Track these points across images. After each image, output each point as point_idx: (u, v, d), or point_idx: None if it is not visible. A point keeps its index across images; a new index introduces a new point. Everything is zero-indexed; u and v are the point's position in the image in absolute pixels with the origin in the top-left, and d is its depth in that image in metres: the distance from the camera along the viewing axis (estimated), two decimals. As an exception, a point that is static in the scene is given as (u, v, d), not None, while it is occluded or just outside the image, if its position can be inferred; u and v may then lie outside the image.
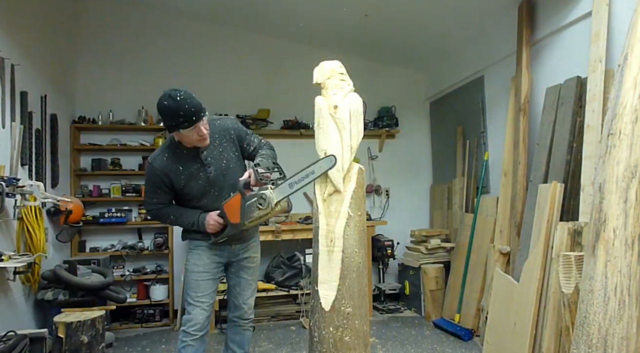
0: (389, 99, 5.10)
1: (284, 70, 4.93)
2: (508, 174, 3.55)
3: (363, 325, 1.58)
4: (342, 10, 4.04)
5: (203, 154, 2.17)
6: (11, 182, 2.73)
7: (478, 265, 3.72)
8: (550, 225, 2.71)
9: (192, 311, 2.23)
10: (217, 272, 2.31)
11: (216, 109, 4.64)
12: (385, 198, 5.14)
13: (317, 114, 1.68)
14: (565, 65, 3.11)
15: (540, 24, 3.38)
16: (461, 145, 4.51)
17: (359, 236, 1.62)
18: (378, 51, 4.93)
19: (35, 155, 3.44)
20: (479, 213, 3.89)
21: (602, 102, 2.58)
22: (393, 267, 4.87)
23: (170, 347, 3.62)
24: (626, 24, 2.31)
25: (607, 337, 1.76)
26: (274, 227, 4.19)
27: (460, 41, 4.36)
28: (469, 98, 4.41)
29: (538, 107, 3.30)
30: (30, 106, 3.31)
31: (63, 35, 4.24)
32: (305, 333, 3.83)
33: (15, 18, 3.22)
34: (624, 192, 1.89)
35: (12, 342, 2.33)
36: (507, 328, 2.81)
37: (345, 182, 1.63)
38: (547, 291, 2.58)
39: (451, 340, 3.60)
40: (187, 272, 2.27)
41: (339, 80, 1.69)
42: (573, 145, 2.85)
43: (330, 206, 1.63)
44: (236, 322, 2.45)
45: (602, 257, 1.86)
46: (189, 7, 4.47)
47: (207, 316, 2.24)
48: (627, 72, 2.08)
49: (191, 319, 2.21)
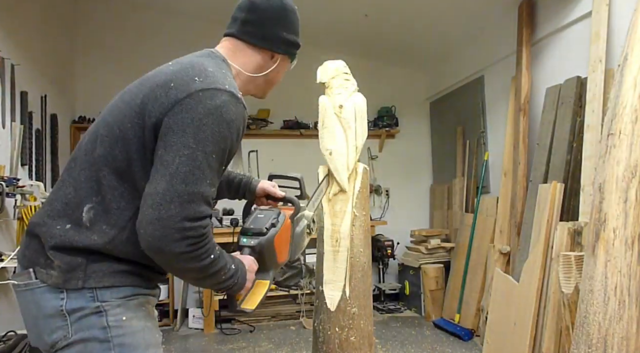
0: (389, 99, 5.10)
1: (284, 70, 4.93)
2: (508, 174, 3.56)
3: (368, 325, 1.58)
4: (342, 10, 4.04)
5: None
6: (11, 182, 2.73)
7: (478, 265, 3.72)
8: (550, 225, 2.71)
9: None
10: None
11: (216, 109, 4.65)
12: (385, 198, 5.14)
13: (321, 113, 1.68)
14: (565, 65, 3.12)
15: (540, 24, 3.39)
16: (461, 145, 4.51)
17: (364, 236, 1.62)
18: (378, 51, 4.94)
19: (35, 155, 3.44)
20: (479, 213, 3.89)
21: (602, 102, 2.59)
22: (393, 267, 4.87)
23: (170, 347, 3.62)
24: (626, 24, 2.32)
25: (607, 337, 1.76)
26: (274, 227, 4.18)
27: (460, 41, 4.37)
28: (469, 98, 4.42)
29: (538, 107, 3.30)
30: (30, 106, 3.30)
31: (63, 35, 4.24)
32: (305, 333, 3.83)
33: (15, 18, 3.21)
34: (624, 192, 1.89)
35: (12, 342, 2.33)
36: (507, 328, 2.81)
37: (350, 182, 1.64)
38: (547, 291, 2.58)
39: (451, 340, 3.60)
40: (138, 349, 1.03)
41: (343, 80, 1.69)
42: (573, 145, 2.85)
43: (335, 206, 1.63)
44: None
45: (602, 257, 1.86)
46: (189, 7, 4.46)
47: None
48: (627, 72, 2.08)
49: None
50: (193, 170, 0.93)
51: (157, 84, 1.02)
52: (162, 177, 0.93)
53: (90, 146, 1.05)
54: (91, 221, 1.00)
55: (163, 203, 0.91)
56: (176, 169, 0.92)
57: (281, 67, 1.27)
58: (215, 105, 0.96)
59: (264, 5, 1.17)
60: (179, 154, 0.93)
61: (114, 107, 1.08)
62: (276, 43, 1.20)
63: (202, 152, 0.94)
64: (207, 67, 1.04)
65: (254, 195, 1.41)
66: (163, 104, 0.97)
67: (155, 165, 0.95)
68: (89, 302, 0.98)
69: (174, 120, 0.95)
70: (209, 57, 1.12)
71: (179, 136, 0.94)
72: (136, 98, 1.02)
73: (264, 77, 1.23)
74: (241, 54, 1.18)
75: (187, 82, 0.99)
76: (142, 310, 1.05)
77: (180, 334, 4.00)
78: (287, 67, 1.31)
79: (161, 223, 0.91)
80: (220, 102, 0.97)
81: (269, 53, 1.20)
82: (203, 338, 3.85)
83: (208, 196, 0.96)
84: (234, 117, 0.99)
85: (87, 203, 1.00)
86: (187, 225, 0.92)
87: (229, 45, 1.19)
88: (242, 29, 1.18)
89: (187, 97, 0.96)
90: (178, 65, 1.06)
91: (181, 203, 0.91)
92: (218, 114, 0.96)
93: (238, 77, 1.16)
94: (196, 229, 0.93)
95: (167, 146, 0.94)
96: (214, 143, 0.95)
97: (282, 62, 1.25)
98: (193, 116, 0.95)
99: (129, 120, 1.01)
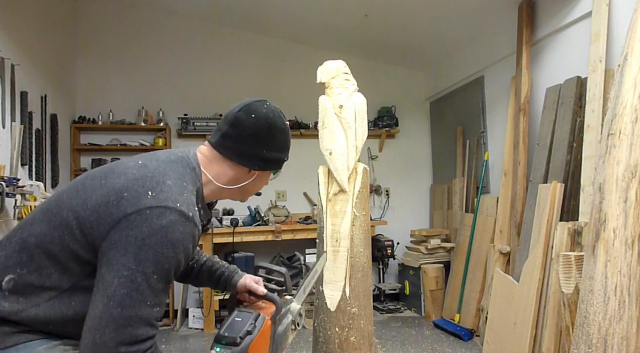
0: (389, 99, 5.11)
1: (284, 70, 4.93)
2: (508, 174, 3.56)
3: (368, 325, 1.58)
4: (342, 10, 4.04)
5: None
6: (11, 182, 2.73)
7: (478, 265, 3.72)
8: (550, 225, 2.71)
9: None
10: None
11: (216, 109, 4.65)
12: (385, 198, 5.14)
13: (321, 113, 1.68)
14: (565, 65, 3.12)
15: (540, 24, 3.39)
16: (461, 145, 4.51)
17: (364, 236, 1.62)
18: (378, 51, 4.94)
19: (35, 155, 3.44)
20: (479, 213, 3.89)
21: (602, 102, 2.59)
22: (393, 267, 4.88)
23: (171, 347, 3.62)
24: (626, 24, 2.32)
25: (607, 337, 1.76)
26: (274, 227, 4.19)
27: (460, 41, 4.37)
28: (469, 98, 4.42)
29: (538, 107, 3.30)
30: (30, 106, 3.30)
31: (63, 35, 4.24)
32: (305, 333, 3.83)
33: (15, 18, 3.21)
34: (624, 192, 1.89)
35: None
36: (507, 328, 2.81)
37: (350, 182, 1.63)
38: (547, 291, 2.58)
39: (451, 340, 3.60)
40: None
41: (343, 80, 1.69)
42: (573, 145, 2.85)
43: (335, 206, 1.63)
44: None
45: (602, 257, 1.86)
46: (189, 7, 4.47)
47: None
48: (627, 72, 2.09)
49: None
50: (130, 293, 0.91)
51: (114, 188, 1.00)
52: (100, 299, 0.91)
53: (39, 217, 1.04)
54: (8, 291, 0.99)
55: (99, 327, 0.89)
56: (114, 291, 0.91)
57: (259, 180, 1.24)
58: (161, 225, 0.95)
59: (248, 122, 1.16)
60: (118, 275, 0.91)
61: (74, 189, 1.06)
62: (253, 161, 1.18)
63: (142, 273, 0.92)
64: (166, 179, 1.02)
65: (236, 291, 1.37)
66: (112, 214, 0.96)
67: (97, 284, 0.94)
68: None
69: (118, 237, 0.94)
70: (179, 164, 1.10)
71: (121, 254, 0.92)
72: (93, 193, 1.01)
73: (239, 189, 1.22)
74: (216, 165, 1.17)
75: (140, 195, 0.97)
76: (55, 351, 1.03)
77: (180, 334, 4.00)
78: (268, 178, 1.29)
79: (96, 349, 0.89)
80: (167, 221, 0.95)
81: (245, 168, 1.19)
82: (203, 338, 3.85)
83: (149, 318, 0.94)
84: (181, 237, 0.97)
85: (10, 274, 1.00)
86: (122, 350, 0.89)
87: (206, 153, 1.18)
88: (221, 141, 1.17)
89: (134, 213, 0.95)
90: (142, 170, 1.03)
91: (116, 328, 0.89)
92: (163, 234, 0.94)
93: (208, 185, 1.16)
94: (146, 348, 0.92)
95: (109, 264, 0.93)
96: (155, 264, 0.93)
97: (260, 176, 1.23)
98: (137, 235, 0.93)
99: (78, 210, 1.00)
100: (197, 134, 4.49)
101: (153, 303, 0.94)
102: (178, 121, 4.53)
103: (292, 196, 4.88)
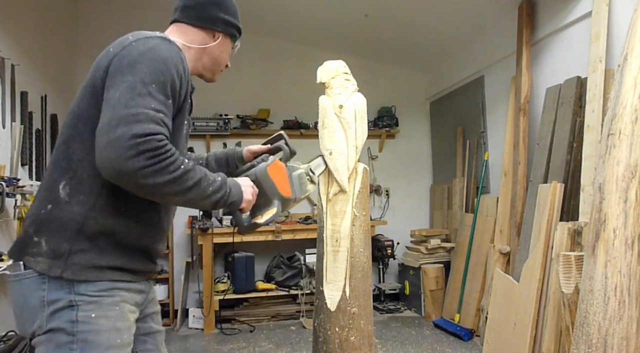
0: (389, 99, 5.11)
1: (284, 70, 4.93)
2: (508, 174, 3.56)
3: (368, 325, 1.58)
4: (342, 10, 4.04)
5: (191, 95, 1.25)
6: (11, 182, 2.73)
7: (478, 265, 3.73)
8: (550, 225, 2.71)
9: None
10: None
11: (216, 109, 4.65)
12: (385, 198, 5.14)
13: (321, 113, 1.68)
14: (565, 65, 3.12)
15: (540, 24, 3.39)
16: (461, 145, 4.51)
17: (364, 236, 1.62)
18: (378, 51, 4.94)
19: (36, 155, 3.44)
20: (479, 213, 3.89)
21: (602, 102, 2.59)
22: (393, 267, 4.88)
23: (171, 347, 3.62)
24: (626, 24, 2.32)
25: (607, 337, 1.76)
26: (274, 227, 4.19)
27: (460, 41, 4.37)
28: (469, 98, 4.42)
29: (538, 107, 3.30)
30: (30, 106, 3.30)
31: (63, 35, 4.24)
32: (305, 333, 3.83)
33: (15, 18, 3.21)
34: (624, 192, 1.89)
35: (12, 342, 2.33)
36: (507, 328, 2.81)
37: (350, 182, 1.63)
38: (547, 291, 2.58)
39: (451, 340, 3.60)
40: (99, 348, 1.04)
41: (343, 80, 1.69)
42: (573, 145, 2.85)
43: (335, 206, 1.63)
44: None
45: (602, 257, 1.86)
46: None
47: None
48: (627, 72, 2.09)
49: None
50: (133, 96, 0.98)
51: (99, 56, 1.12)
52: (106, 109, 0.99)
53: (59, 134, 1.15)
54: (69, 195, 1.06)
55: (110, 128, 0.95)
56: (117, 99, 0.98)
57: (224, 46, 1.33)
58: (148, 47, 1.06)
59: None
60: (119, 88, 0.99)
61: (76, 97, 1.16)
62: (215, 22, 1.28)
63: (141, 82, 1.00)
64: (145, 32, 1.14)
65: (243, 160, 1.51)
66: (104, 65, 1.07)
67: (102, 107, 1.01)
68: (65, 294, 1.02)
69: (113, 69, 1.04)
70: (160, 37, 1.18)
71: (119, 77, 1.01)
72: (86, 79, 1.13)
73: (208, 55, 1.30)
74: (184, 34, 1.27)
75: (122, 41, 1.10)
76: (115, 310, 1.06)
77: (180, 334, 4.00)
78: (231, 49, 1.38)
79: (112, 145, 0.94)
80: (153, 44, 1.07)
81: (210, 32, 1.28)
82: (203, 338, 3.86)
83: (155, 117, 0.98)
84: (168, 55, 1.07)
85: (62, 181, 1.07)
86: (137, 140, 0.94)
87: (172, 29, 1.30)
88: (182, 13, 1.29)
89: (122, 50, 1.06)
90: None
91: (127, 124, 0.95)
92: (152, 53, 1.05)
93: (184, 51, 1.21)
94: (149, 142, 0.95)
95: (109, 88, 1.02)
96: (151, 74, 1.02)
97: (223, 40, 1.32)
98: (129, 59, 1.03)
99: (84, 95, 1.10)
100: (197, 133, 4.48)
101: (156, 108, 1.00)
102: (178, 121, 4.53)
103: (292, 196, 4.87)
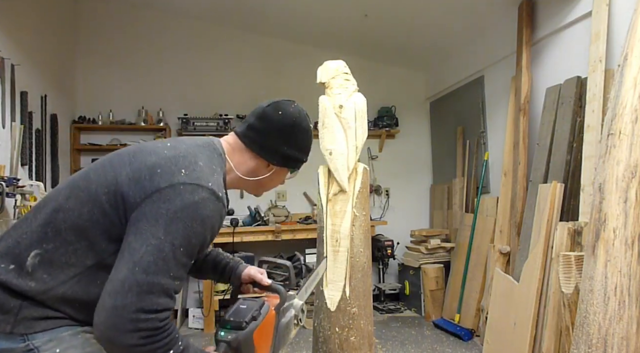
0: (389, 99, 5.11)
1: (284, 70, 4.93)
2: (508, 174, 3.56)
3: (368, 325, 1.58)
4: (342, 11, 4.04)
5: None
6: (11, 182, 2.73)
7: (478, 265, 3.72)
8: (550, 225, 2.71)
9: None
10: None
11: (216, 109, 4.65)
12: (385, 198, 5.14)
13: (321, 113, 1.68)
14: (565, 65, 3.12)
15: (540, 24, 3.39)
16: (461, 145, 4.51)
17: (364, 236, 1.62)
18: (378, 51, 4.94)
19: (35, 155, 3.44)
20: (479, 213, 3.89)
21: (602, 102, 2.59)
22: (393, 267, 4.88)
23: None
24: (626, 24, 2.32)
25: (607, 337, 1.76)
26: (274, 227, 4.19)
27: (460, 41, 4.37)
28: (469, 98, 4.42)
29: (538, 107, 3.30)
30: (30, 106, 3.31)
31: (63, 35, 4.24)
32: (305, 333, 3.83)
33: (15, 18, 3.21)
34: (624, 192, 1.89)
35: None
36: (507, 328, 2.81)
37: (350, 182, 1.63)
38: (547, 291, 2.58)
39: (451, 340, 3.60)
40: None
41: (343, 80, 1.69)
42: (573, 145, 2.85)
43: (335, 206, 1.63)
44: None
45: (602, 257, 1.86)
46: (189, 7, 4.47)
47: None
48: (627, 72, 2.09)
49: None
50: (157, 261, 0.91)
51: (146, 164, 1.01)
52: (126, 264, 0.91)
53: (65, 193, 1.03)
54: (34, 267, 0.97)
55: (121, 291, 0.89)
56: (140, 257, 0.91)
57: (276, 176, 1.27)
58: (193, 200, 0.96)
59: (274, 117, 1.20)
60: (147, 243, 0.92)
61: (101, 166, 1.06)
62: (273, 155, 1.22)
63: (170, 244, 0.93)
64: (198, 160, 1.04)
65: (240, 281, 1.37)
66: (144, 188, 0.97)
67: (122, 251, 0.94)
68: (18, 343, 0.95)
69: (150, 209, 0.95)
70: (207, 148, 1.13)
71: (151, 225, 0.93)
72: (123, 169, 1.02)
73: (256, 183, 1.25)
74: (239, 154, 1.21)
75: (173, 172, 0.99)
76: (78, 338, 1.00)
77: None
78: (285, 176, 1.31)
79: (115, 312, 0.88)
80: (199, 198, 0.97)
81: (264, 161, 1.22)
82: (203, 338, 3.85)
83: (169, 289, 0.93)
84: (210, 214, 0.99)
85: (35, 249, 0.98)
86: (141, 316, 0.89)
87: (231, 141, 1.22)
88: (246, 132, 1.21)
89: (167, 187, 0.96)
90: (173, 151, 1.06)
91: (139, 293, 0.89)
92: (194, 209, 0.96)
93: (229, 173, 1.17)
94: (151, 321, 0.90)
95: (137, 233, 0.94)
96: (184, 237, 0.95)
97: (278, 172, 1.26)
98: (169, 207, 0.94)
99: (108, 185, 1.00)
100: (197, 134, 4.48)
101: (175, 275, 0.94)
102: (178, 121, 4.53)
103: (292, 196, 4.88)
